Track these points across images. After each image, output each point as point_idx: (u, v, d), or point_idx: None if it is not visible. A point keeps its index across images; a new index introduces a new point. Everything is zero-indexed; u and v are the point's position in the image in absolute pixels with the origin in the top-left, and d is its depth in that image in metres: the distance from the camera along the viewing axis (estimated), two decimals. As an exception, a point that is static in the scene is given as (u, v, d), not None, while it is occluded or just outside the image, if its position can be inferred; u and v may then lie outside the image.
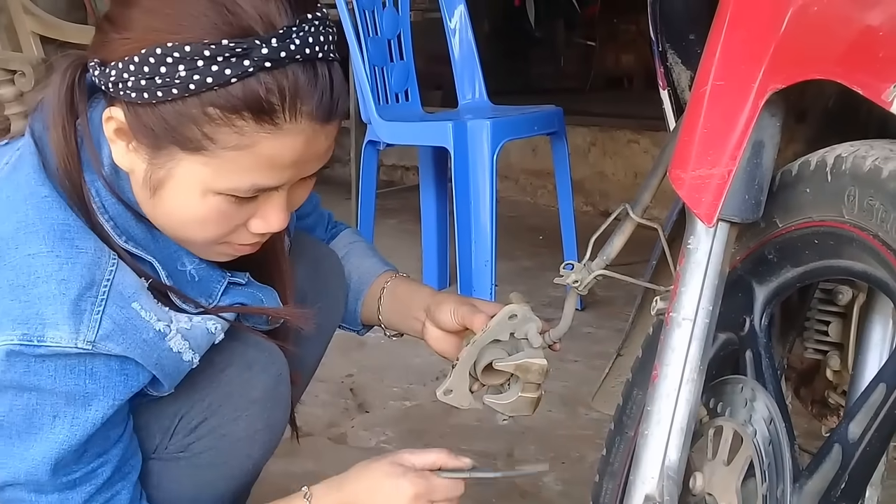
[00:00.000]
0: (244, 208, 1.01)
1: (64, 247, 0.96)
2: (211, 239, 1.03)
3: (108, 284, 0.97)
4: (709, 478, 0.98)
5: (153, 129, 0.95)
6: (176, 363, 1.03)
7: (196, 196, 0.98)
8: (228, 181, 0.97)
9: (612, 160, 4.41)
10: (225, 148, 0.95)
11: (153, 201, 1.01)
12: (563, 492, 1.89)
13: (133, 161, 0.99)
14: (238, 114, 0.93)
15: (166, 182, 0.98)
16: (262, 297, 1.15)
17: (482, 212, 2.63)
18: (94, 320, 0.96)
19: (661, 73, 1.25)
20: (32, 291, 0.95)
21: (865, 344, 0.98)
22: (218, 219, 1.00)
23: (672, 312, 0.95)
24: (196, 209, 0.99)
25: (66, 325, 0.95)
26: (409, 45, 3.04)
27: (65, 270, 0.95)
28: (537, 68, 6.76)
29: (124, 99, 0.96)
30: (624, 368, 1.29)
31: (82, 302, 0.95)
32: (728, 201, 0.93)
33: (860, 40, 0.80)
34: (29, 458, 0.98)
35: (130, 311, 0.98)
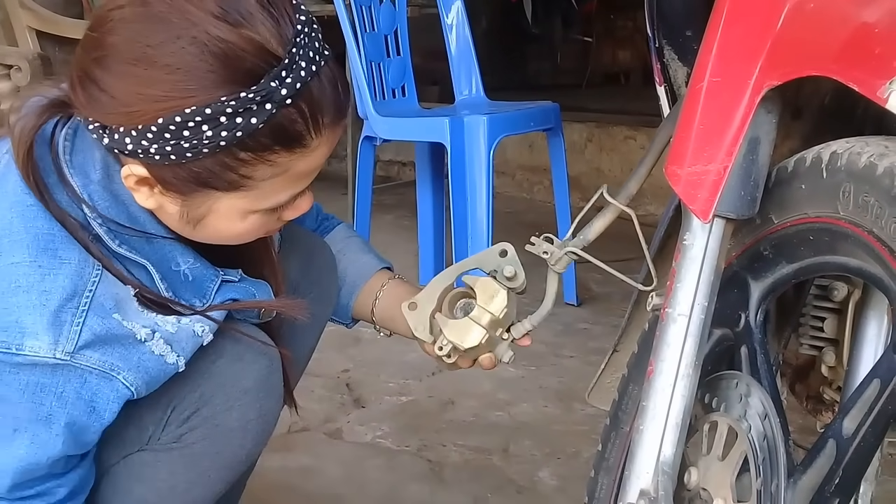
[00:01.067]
0: (278, 211, 1.05)
1: (47, 257, 0.96)
2: (252, 239, 1.08)
3: (90, 296, 0.97)
4: (703, 473, 0.98)
5: (185, 181, 0.97)
6: (160, 366, 1.03)
7: (238, 220, 1.02)
8: (269, 202, 1.01)
9: (609, 156, 4.41)
10: (263, 180, 0.98)
11: (193, 231, 1.04)
12: (559, 487, 1.89)
13: (161, 202, 1.00)
14: (270, 150, 0.95)
15: (207, 216, 1.01)
16: (255, 292, 1.16)
17: (478, 207, 2.64)
18: (74, 332, 0.96)
19: (658, 69, 1.25)
20: (12, 300, 0.95)
21: (860, 340, 0.98)
22: (260, 228, 1.05)
23: (668, 308, 0.96)
24: (239, 228, 1.03)
25: (46, 335, 0.95)
26: (406, 41, 3.03)
27: (46, 282, 0.95)
28: (534, 64, 6.76)
29: (145, 161, 0.96)
30: (620, 364, 1.29)
31: (63, 313, 0.95)
32: (724, 197, 0.93)
33: (856, 37, 0.81)
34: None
35: (111, 322, 0.98)
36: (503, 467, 1.98)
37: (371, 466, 1.98)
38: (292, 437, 2.05)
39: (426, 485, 1.90)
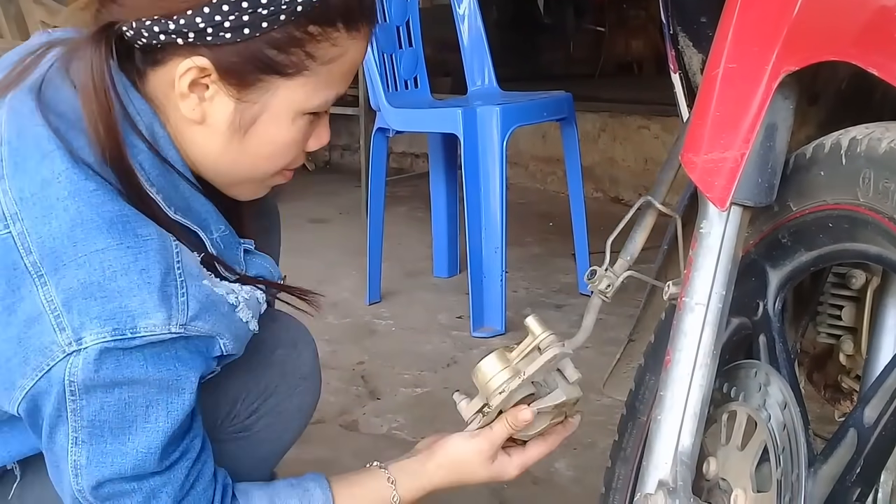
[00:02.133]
0: (312, 126, 1.06)
1: (130, 237, 0.94)
2: (285, 165, 1.08)
3: (180, 266, 0.96)
4: (722, 463, 0.97)
5: (250, 64, 0.97)
6: (245, 332, 1.04)
7: (288, 122, 1.02)
8: (322, 96, 1.03)
9: (623, 146, 4.40)
10: (323, 63, 1.00)
11: (239, 143, 1.02)
12: (576, 478, 1.89)
13: (208, 110, 1.00)
14: (334, 26, 0.99)
15: (260, 116, 1.01)
16: (268, 266, 1.16)
17: (492, 199, 2.63)
18: (182, 303, 0.95)
19: (673, 56, 1.24)
20: (111, 286, 0.92)
21: (879, 328, 0.97)
22: (300, 141, 1.05)
23: (685, 297, 0.95)
24: (286, 135, 1.03)
25: (159, 312, 0.93)
26: (418, 32, 3.03)
27: (141, 260, 0.93)
28: (547, 54, 6.74)
29: (213, 43, 0.96)
30: (636, 354, 1.29)
31: (167, 287, 0.94)
32: (741, 185, 0.92)
33: (875, 21, 0.80)
34: (132, 451, 0.97)
35: (205, 289, 0.98)
36: (519, 458, 1.97)
37: (387, 458, 1.98)
38: (308, 429, 2.03)
39: (442, 476, 1.90)
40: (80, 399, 0.94)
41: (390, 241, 3.02)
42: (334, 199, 4.25)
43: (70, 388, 0.93)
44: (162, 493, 1.00)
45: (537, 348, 1.17)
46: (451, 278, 3.17)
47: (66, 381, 0.92)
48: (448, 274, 3.18)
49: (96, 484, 0.98)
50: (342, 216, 3.99)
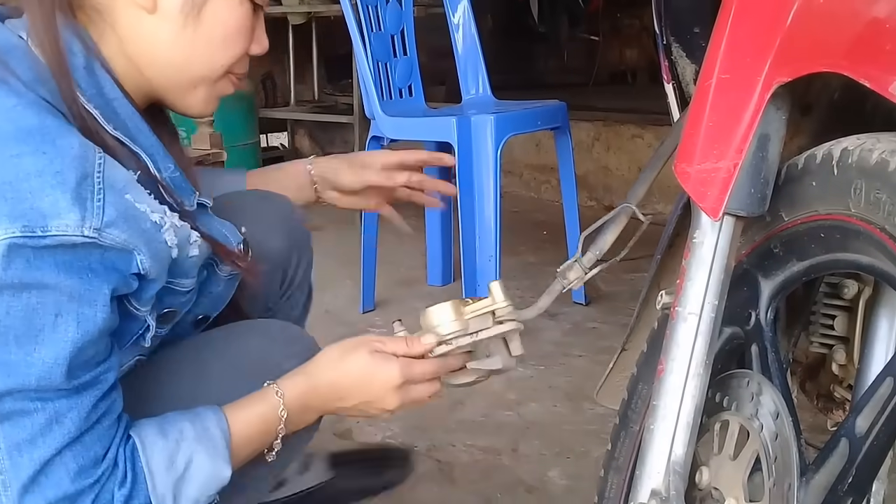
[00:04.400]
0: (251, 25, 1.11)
1: (47, 145, 0.94)
2: (232, 59, 1.11)
3: (100, 176, 0.95)
4: (715, 472, 0.98)
5: None
6: (167, 255, 1.03)
7: (236, 4, 1.08)
8: None
9: (616, 155, 4.41)
10: None
11: (190, 29, 1.07)
12: (569, 486, 1.89)
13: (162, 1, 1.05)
14: None
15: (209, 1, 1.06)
16: (225, 232, 1.18)
17: (486, 207, 2.63)
18: (98, 207, 0.94)
19: (666, 66, 1.25)
20: (23, 186, 0.92)
21: (871, 338, 0.97)
22: (245, 30, 1.10)
23: (677, 307, 0.95)
24: (235, 19, 1.09)
25: (72, 213, 0.92)
26: (413, 41, 3.03)
27: (56, 164, 0.93)
28: (541, 63, 6.76)
29: None
30: (629, 363, 1.29)
31: (82, 190, 0.93)
32: (734, 195, 0.92)
33: (867, 33, 0.80)
34: (38, 361, 0.94)
35: (126, 202, 0.97)
36: (513, 467, 1.97)
37: (380, 467, 1.98)
38: (301, 438, 2.05)
39: (435, 485, 1.90)
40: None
41: (384, 250, 3.02)
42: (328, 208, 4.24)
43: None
44: (66, 419, 0.97)
45: (492, 313, 1.20)
46: (446, 287, 3.18)
47: None
48: (442, 282, 3.18)
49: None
50: (336, 224, 3.99)
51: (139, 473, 1.01)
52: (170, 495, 1.02)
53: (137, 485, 1.01)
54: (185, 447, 1.04)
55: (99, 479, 1.00)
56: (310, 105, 5.15)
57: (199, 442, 1.05)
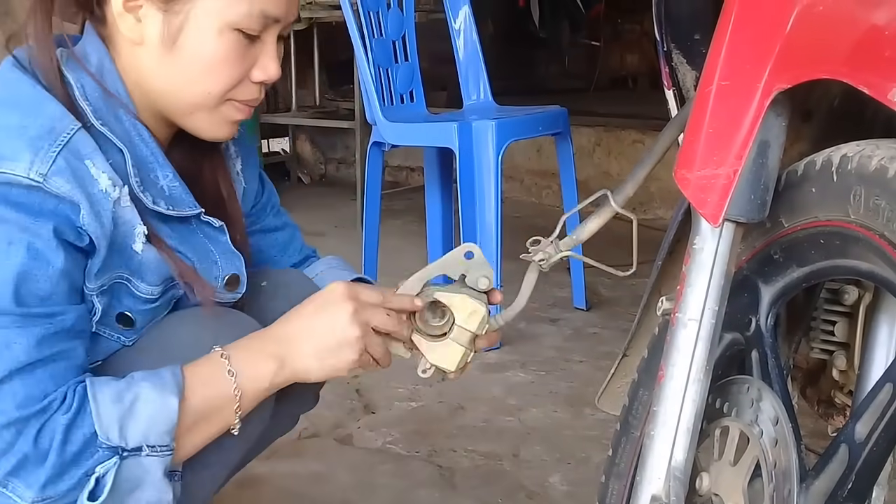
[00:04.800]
0: (249, 52, 1.11)
1: (27, 107, 1.05)
2: (224, 87, 1.11)
3: (66, 137, 1.03)
4: (715, 478, 0.98)
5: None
6: (108, 224, 1.05)
7: (213, 34, 1.08)
8: (241, 7, 1.07)
9: (617, 160, 4.41)
10: None
11: (170, 58, 1.09)
12: (569, 492, 1.89)
13: (144, 29, 1.09)
14: None
15: (184, 26, 1.07)
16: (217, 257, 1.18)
17: (487, 212, 2.64)
18: (49, 157, 1.01)
19: (667, 72, 1.25)
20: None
21: (872, 343, 0.98)
22: (232, 59, 1.10)
23: (678, 313, 0.95)
24: (214, 48, 1.08)
25: (23, 156, 1.00)
26: (414, 47, 3.04)
27: (27, 119, 1.03)
28: (542, 69, 6.76)
29: None
30: (630, 369, 1.29)
31: (40, 140, 1.02)
32: (734, 201, 0.92)
33: (866, 39, 0.80)
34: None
35: (82, 165, 1.04)
36: (513, 473, 1.97)
37: (381, 472, 1.98)
38: (302, 444, 2.05)
39: (436, 490, 1.90)
40: None
41: (385, 255, 3.02)
42: (330, 213, 4.25)
43: None
44: (15, 345, 1.01)
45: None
46: (447, 292, 3.18)
47: None
48: (443, 287, 3.19)
49: None
50: (338, 229, 4.00)
51: (85, 404, 1.03)
52: (115, 426, 1.02)
53: (82, 413, 1.02)
54: (134, 385, 1.05)
55: (45, 408, 1.01)
56: (311, 110, 5.15)
57: (146, 379, 1.06)
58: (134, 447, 1.03)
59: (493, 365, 2.55)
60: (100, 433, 1.02)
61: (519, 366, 2.56)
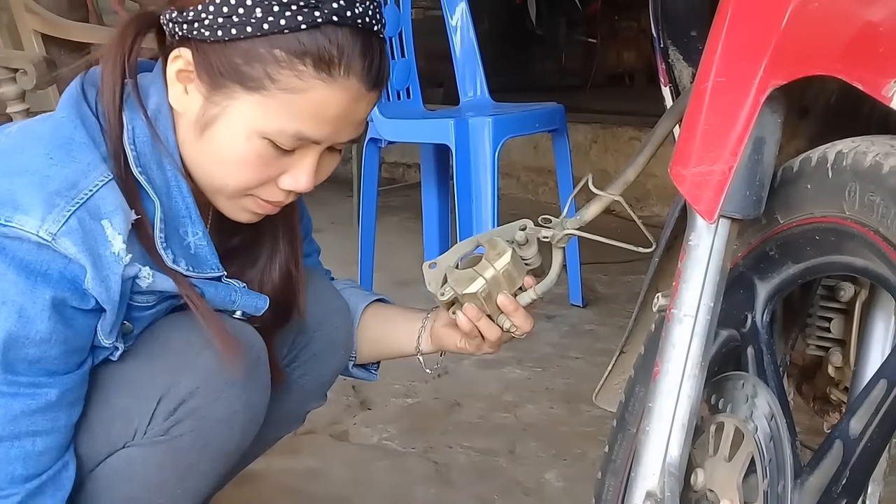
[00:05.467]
0: (280, 161, 1.09)
1: (60, 153, 1.02)
2: (243, 186, 1.10)
3: (88, 194, 1.01)
4: (710, 474, 0.98)
5: (218, 66, 1.05)
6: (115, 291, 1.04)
7: (242, 136, 1.06)
8: (276, 123, 1.05)
9: (614, 157, 4.41)
10: (282, 89, 1.04)
11: (200, 140, 1.09)
12: (565, 489, 1.89)
13: (188, 102, 1.08)
14: (301, 59, 1.03)
15: (218, 119, 1.07)
16: (256, 303, 1.19)
17: (484, 209, 2.64)
18: (62, 216, 0.99)
19: (663, 69, 1.25)
20: (15, 180, 1.00)
21: (867, 340, 0.98)
22: (256, 163, 1.08)
23: (673, 309, 0.95)
24: (239, 149, 1.07)
25: (36, 212, 0.99)
26: (411, 43, 3.03)
27: (52, 169, 1.01)
28: (539, 65, 6.77)
29: (196, 38, 1.05)
30: (627, 365, 1.29)
31: (58, 197, 1.00)
32: (729, 198, 0.92)
33: (860, 36, 0.80)
34: None
35: (98, 226, 1.01)
36: (509, 469, 1.98)
37: (377, 468, 1.99)
38: (298, 440, 2.05)
39: (432, 487, 1.90)
40: None
41: (382, 251, 3.02)
42: (326, 209, 4.25)
43: None
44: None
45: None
46: (443, 288, 3.18)
47: None
48: (440, 284, 3.19)
49: None
50: (334, 226, 4.00)
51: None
52: None
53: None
54: None
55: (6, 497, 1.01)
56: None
57: None
58: None
59: (489, 361, 2.55)
60: None
61: (515, 362, 2.56)
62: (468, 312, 1.24)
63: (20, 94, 2.67)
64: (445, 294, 1.24)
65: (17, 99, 2.68)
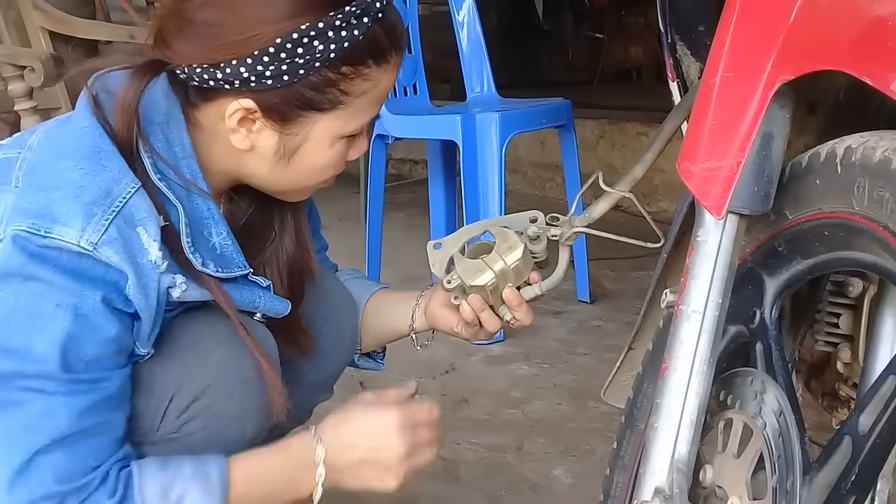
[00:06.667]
0: (350, 143, 1.15)
1: (89, 162, 1.02)
2: (325, 178, 1.17)
3: (122, 202, 1.02)
4: (719, 470, 0.98)
5: (290, 104, 1.07)
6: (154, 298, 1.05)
7: (327, 147, 1.12)
8: (357, 122, 1.12)
9: (621, 153, 4.40)
10: (356, 96, 1.09)
11: (287, 168, 1.12)
12: (574, 485, 1.89)
13: (256, 140, 1.09)
14: (365, 63, 1.07)
15: (303, 145, 1.10)
16: (278, 307, 1.20)
17: (491, 205, 2.63)
18: (102, 225, 1.00)
19: (671, 64, 1.25)
20: (50, 194, 1.01)
21: (876, 336, 0.97)
22: (339, 160, 1.15)
23: (682, 305, 0.95)
24: (326, 157, 1.13)
25: (75, 221, 0.99)
26: (418, 39, 3.03)
27: (86, 179, 1.01)
28: (545, 61, 6.75)
29: (258, 88, 1.05)
30: (634, 362, 1.29)
31: (95, 207, 1.00)
32: (737, 193, 0.92)
33: (869, 30, 0.80)
34: (37, 346, 0.99)
35: (134, 233, 1.02)
36: (517, 465, 1.98)
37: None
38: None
39: (440, 483, 1.90)
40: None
41: (389, 247, 3.02)
42: (333, 206, 4.25)
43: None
44: (59, 414, 1.00)
45: None
46: (450, 284, 3.18)
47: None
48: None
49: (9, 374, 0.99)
50: (341, 222, 4.00)
51: (130, 496, 1.03)
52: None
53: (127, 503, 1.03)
54: (181, 482, 1.05)
55: (85, 485, 1.01)
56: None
57: (195, 480, 1.06)
58: None
59: (496, 358, 2.55)
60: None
61: (523, 359, 2.56)
62: (473, 303, 1.25)
63: (28, 92, 2.67)
64: (452, 282, 1.24)
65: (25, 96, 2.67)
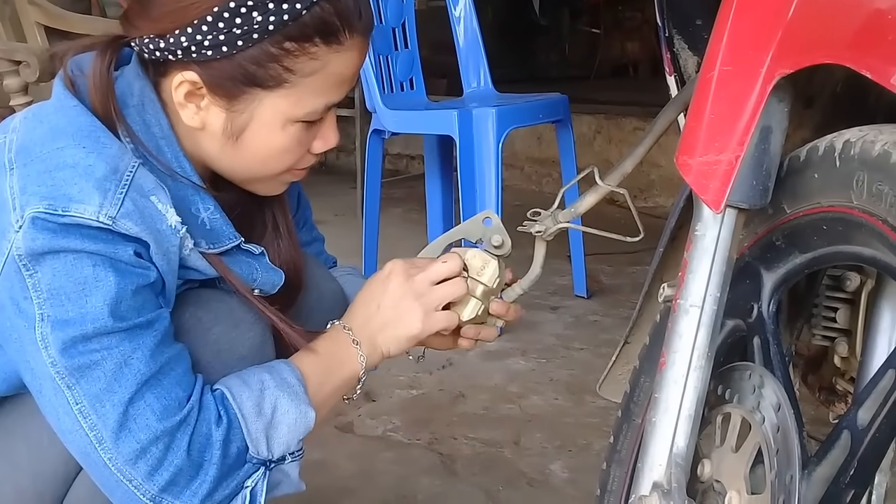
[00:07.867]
0: (311, 132, 1.12)
1: (90, 141, 1.03)
2: (285, 168, 1.14)
3: (130, 175, 1.03)
4: (717, 465, 0.98)
5: (233, 78, 1.05)
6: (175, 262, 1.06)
7: (278, 129, 1.09)
8: (307, 105, 1.08)
9: (618, 148, 4.40)
10: (303, 76, 1.06)
11: (235, 147, 1.10)
12: (570, 479, 1.89)
13: (206, 118, 1.08)
14: (311, 41, 1.04)
15: (248, 123, 1.08)
16: (273, 279, 1.19)
17: (488, 200, 2.63)
18: (118, 198, 1.00)
19: (668, 58, 1.25)
20: (58, 175, 1.00)
21: (874, 330, 0.97)
22: (295, 146, 1.11)
23: (679, 299, 0.95)
24: (278, 141, 1.10)
25: (92, 199, 0.99)
26: (414, 34, 3.03)
27: (91, 157, 1.01)
28: (542, 56, 6.75)
29: (199, 60, 1.04)
30: (631, 356, 1.29)
31: (107, 182, 1.01)
32: (736, 187, 0.92)
33: (869, 24, 0.80)
34: (91, 308, 1.00)
35: (149, 202, 1.03)
36: (514, 460, 1.98)
37: (382, 460, 1.99)
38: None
39: (437, 478, 1.90)
40: (34, 270, 0.99)
41: (386, 243, 3.02)
42: (330, 201, 4.25)
43: (21, 261, 0.99)
44: (133, 360, 1.01)
45: None
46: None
47: (15, 255, 0.99)
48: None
49: (62, 347, 0.99)
50: (338, 217, 3.99)
51: (233, 418, 1.05)
52: (263, 439, 1.06)
53: (233, 428, 1.05)
54: (269, 395, 1.08)
55: (187, 417, 1.02)
56: (311, 98, 5.13)
57: (280, 389, 1.08)
58: (279, 458, 1.08)
59: (493, 353, 2.55)
60: (251, 447, 1.05)
61: (519, 353, 2.56)
62: (468, 334, 1.26)
63: (23, 87, 2.66)
64: None
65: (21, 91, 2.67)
